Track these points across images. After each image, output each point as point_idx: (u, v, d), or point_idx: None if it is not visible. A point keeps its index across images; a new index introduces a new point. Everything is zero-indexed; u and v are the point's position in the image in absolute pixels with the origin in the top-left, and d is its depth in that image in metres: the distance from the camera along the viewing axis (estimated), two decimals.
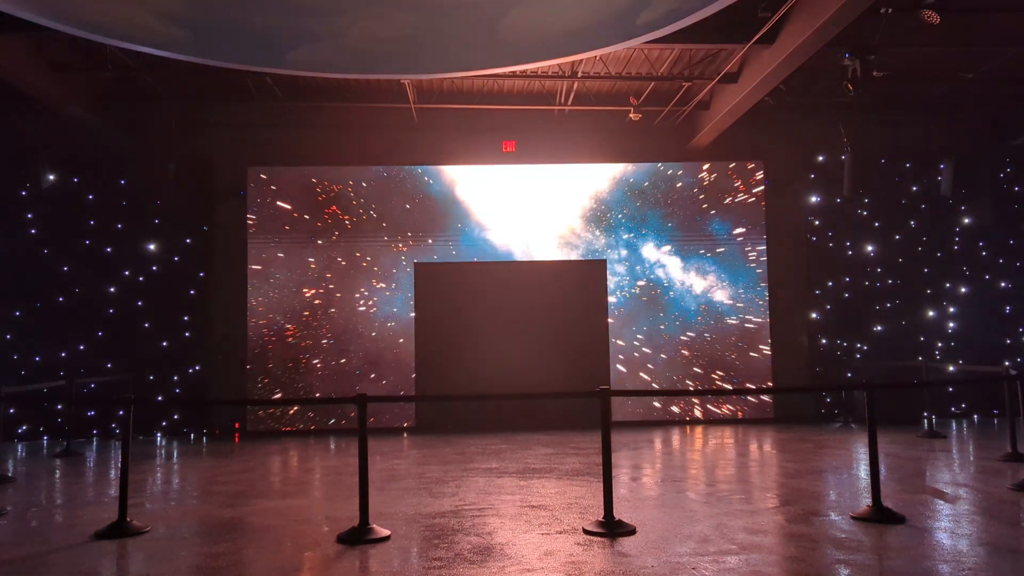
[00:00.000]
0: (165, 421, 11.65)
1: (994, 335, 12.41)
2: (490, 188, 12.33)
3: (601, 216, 12.40)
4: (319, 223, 12.10)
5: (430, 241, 12.27)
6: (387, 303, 12.09)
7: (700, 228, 12.43)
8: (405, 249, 12.20)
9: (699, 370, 12.26)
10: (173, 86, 11.22)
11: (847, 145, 11.45)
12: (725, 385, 12.09)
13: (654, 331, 12.35)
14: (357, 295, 12.06)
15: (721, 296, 12.36)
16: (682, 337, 12.35)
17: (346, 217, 12.16)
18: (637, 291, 12.37)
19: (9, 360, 11.10)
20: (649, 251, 12.37)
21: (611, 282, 12.32)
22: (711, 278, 12.37)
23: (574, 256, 12.38)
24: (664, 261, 12.38)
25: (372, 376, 11.90)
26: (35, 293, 11.38)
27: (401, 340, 12.03)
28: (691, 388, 12.18)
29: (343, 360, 11.92)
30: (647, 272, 12.37)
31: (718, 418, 12.18)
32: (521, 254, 12.34)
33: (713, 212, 12.44)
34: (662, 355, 12.30)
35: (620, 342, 12.30)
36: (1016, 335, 12.49)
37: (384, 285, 12.12)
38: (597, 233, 12.40)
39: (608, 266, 12.35)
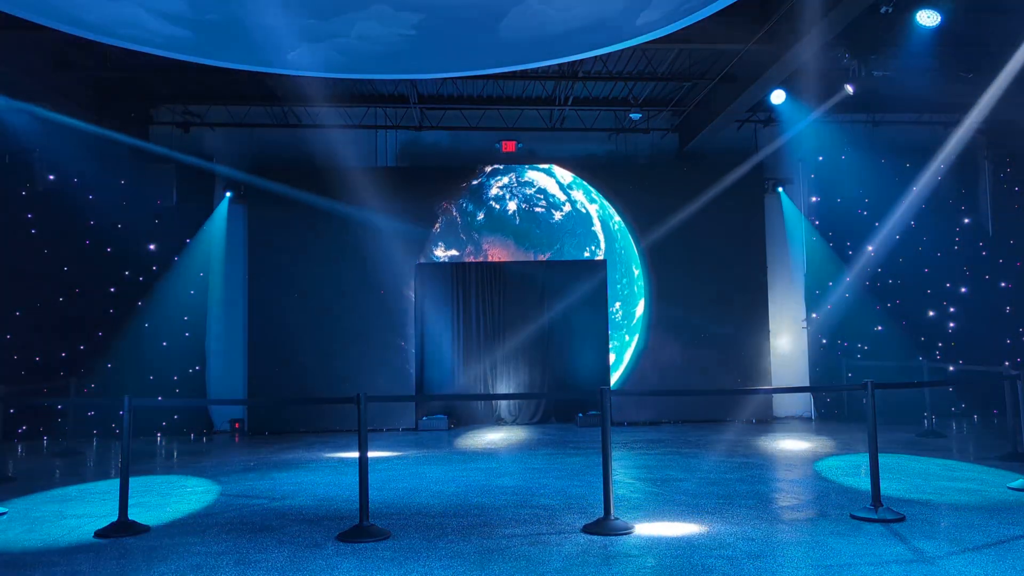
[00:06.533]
0: (165, 421, 11.65)
1: (994, 335, 12.40)
2: (491, 189, 12.32)
3: (601, 216, 12.39)
4: (319, 223, 12.06)
5: (431, 241, 12.25)
6: (388, 303, 12.07)
7: (700, 228, 12.39)
8: (406, 249, 12.17)
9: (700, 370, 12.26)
10: (173, 86, 11.22)
11: None
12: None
13: None
14: (358, 294, 12.03)
15: (721, 295, 12.33)
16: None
17: (347, 217, 12.12)
18: (636, 290, 12.36)
19: (9, 360, 11.10)
20: (649, 251, 12.34)
21: (611, 283, 12.31)
22: (711, 278, 12.35)
23: (574, 256, 12.37)
24: (663, 261, 12.35)
25: (373, 376, 11.88)
26: (35, 293, 11.38)
27: (402, 342, 12.03)
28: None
29: (343, 359, 11.90)
30: (645, 272, 12.35)
31: (718, 418, 12.15)
32: (523, 254, 12.34)
33: (713, 212, 12.40)
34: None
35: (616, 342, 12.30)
36: (1016, 335, 12.47)
37: (385, 285, 12.09)
38: (597, 233, 12.38)
39: (608, 266, 12.34)
